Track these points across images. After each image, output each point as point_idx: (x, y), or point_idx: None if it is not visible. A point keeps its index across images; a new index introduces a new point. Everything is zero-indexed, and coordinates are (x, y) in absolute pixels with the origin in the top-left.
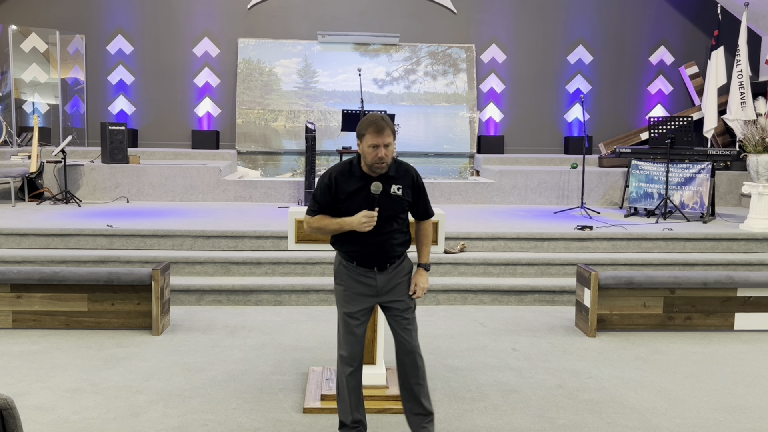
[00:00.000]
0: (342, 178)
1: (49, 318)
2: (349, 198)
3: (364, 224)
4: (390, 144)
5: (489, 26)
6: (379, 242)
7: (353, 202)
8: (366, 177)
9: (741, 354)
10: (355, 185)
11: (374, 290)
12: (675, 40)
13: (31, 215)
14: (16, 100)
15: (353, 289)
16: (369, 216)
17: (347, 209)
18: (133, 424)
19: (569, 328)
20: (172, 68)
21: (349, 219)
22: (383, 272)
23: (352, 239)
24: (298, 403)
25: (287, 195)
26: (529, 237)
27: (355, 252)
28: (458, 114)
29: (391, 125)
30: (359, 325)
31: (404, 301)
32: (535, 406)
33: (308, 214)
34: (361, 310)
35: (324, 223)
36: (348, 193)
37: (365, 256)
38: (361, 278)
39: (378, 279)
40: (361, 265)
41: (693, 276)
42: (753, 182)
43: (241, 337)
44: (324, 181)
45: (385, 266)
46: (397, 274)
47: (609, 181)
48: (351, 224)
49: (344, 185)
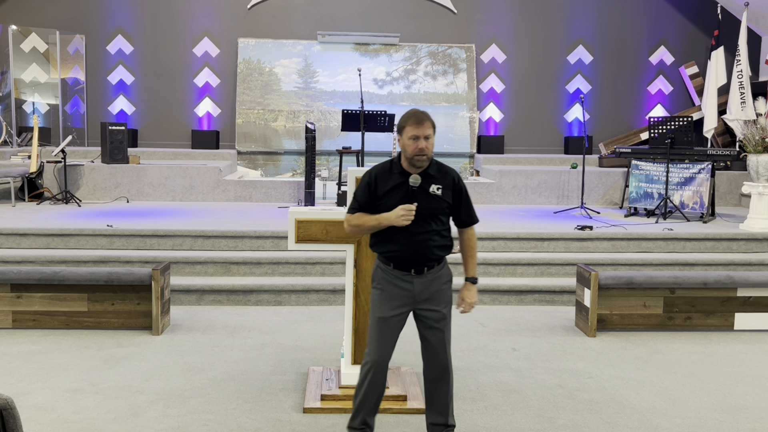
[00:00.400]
0: (381, 176)
1: (49, 318)
2: (388, 194)
3: (401, 217)
4: (430, 136)
5: (489, 26)
6: (417, 242)
7: (392, 198)
8: (405, 174)
9: (741, 354)
10: (394, 182)
11: (411, 296)
12: (675, 40)
13: (31, 215)
14: (16, 100)
15: (389, 292)
16: (407, 209)
17: (386, 206)
18: (133, 424)
19: (569, 328)
20: (172, 68)
21: (387, 214)
22: (421, 276)
23: (390, 239)
24: (298, 403)
25: (287, 195)
26: (529, 237)
27: (392, 253)
28: (458, 114)
29: (431, 119)
30: (392, 332)
31: (440, 312)
32: (535, 406)
33: (348, 213)
34: (395, 316)
35: (363, 219)
36: (386, 189)
37: (402, 257)
38: (398, 282)
39: (415, 283)
40: (398, 268)
41: (693, 276)
42: (753, 182)
43: (241, 337)
44: (364, 179)
45: (422, 269)
46: (435, 280)
47: (609, 181)
48: (389, 219)
49: (383, 182)
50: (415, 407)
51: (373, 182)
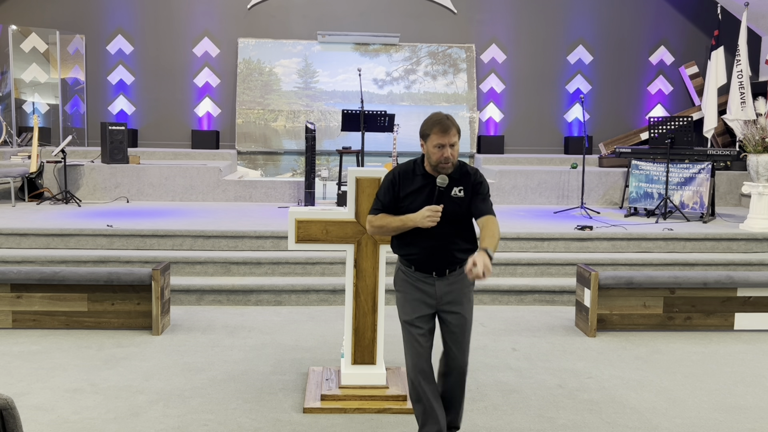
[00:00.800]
0: (404, 177)
1: (49, 318)
2: (410, 197)
3: (427, 218)
4: (455, 144)
5: (489, 26)
6: (439, 246)
7: (414, 201)
8: (428, 177)
9: (741, 354)
10: (417, 184)
11: (432, 298)
12: (675, 40)
13: (31, 215)
14: (16, 100)
15: (411, 295)
16: (433, 210)
17: (408, 209)
18: (133, 424)
19: (569, 328)
20: (172, 68)
21: (412, 215)
22: (442, 279)
23: (412, 242)
24: (298, 403)
25: (287, 195)
26: (529, 237)
27: (414, 255)
28: (458, 114)
29: (456, 124)
30: (421, 335)
31: (461, 315)
32: (535, 406)
33: (371, 214)
34: (420, 318)
35: (387, 220)
36: (409, 192)
37: (424, 259)
38: (419, 284)
39: (437, 286)
40: (420, 270)
41: (693, 276)
42: (753, 182)
43: (241, 337)
44: (387, 178)
45: (444, 272)
46: (457, 283)
47: (609, 181)
48: (414, 220)
49: (406, 184)
50: None
51: (397, 182)
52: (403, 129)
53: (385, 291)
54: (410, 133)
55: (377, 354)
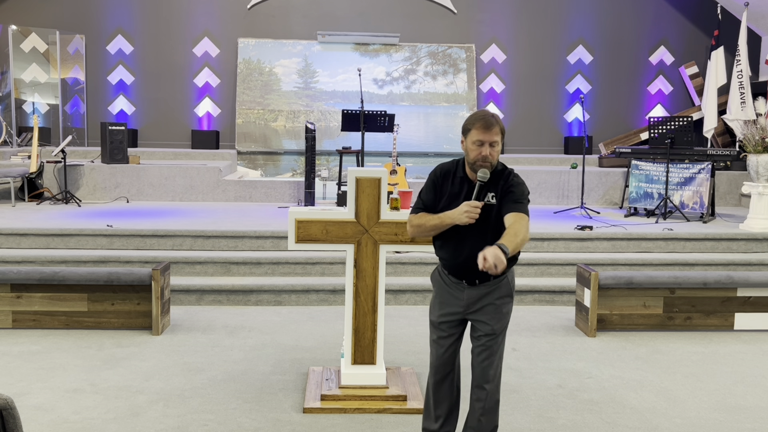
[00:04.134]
0: (445, 177)
1: (49, 318)
2: (449, 198)
3: (465, 213)
4: (497, 144)
5: (489, 26)
6: (470, 255)
7: (452, 204)
8: (466, 180)
9: (741, 354)
10: (456, 188)
11: (461, 304)
12: (675, 40)
13: (31, 215)
14: (16, 100)
15: (441, 297)
16: (472, 206)
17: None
18: (133, 424)
19: (569, 328)
20: (172, 68)
21: (449, 212)
22: (472, 287)
23: (444, 245)
24: (298, 403)
25: (287, 195)
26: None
27: (447, 260)
28: (458, 114)
29: (501, 124)
30: (443, 338)
31: (489, 325)
32: (535, 406)
33: (411, 213)
34: (445, 322)
35: (425, 219)
36: (448, 193)
37: (456, 266)
38: (450, 289)
39: (466, 293)
40: (452, 275)
41: (693, 276)
42: (753, 182)
43: (241, 337)
44: (430, 178)
45: (474, 281)
46: (489, 294)
47: (609, 181)
48: (451, 217)
49: (446, 184)
50: (415, 407)
51: (439, 180)
52: (403, 129)
53: (385, 291)
54: (410, 133)
55: (377, 354)
